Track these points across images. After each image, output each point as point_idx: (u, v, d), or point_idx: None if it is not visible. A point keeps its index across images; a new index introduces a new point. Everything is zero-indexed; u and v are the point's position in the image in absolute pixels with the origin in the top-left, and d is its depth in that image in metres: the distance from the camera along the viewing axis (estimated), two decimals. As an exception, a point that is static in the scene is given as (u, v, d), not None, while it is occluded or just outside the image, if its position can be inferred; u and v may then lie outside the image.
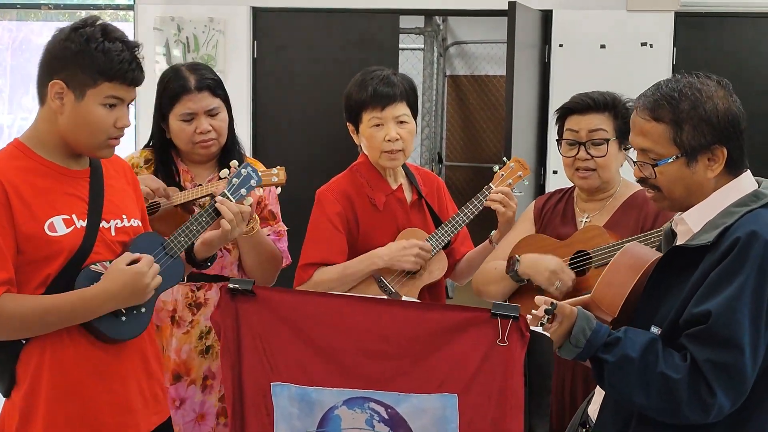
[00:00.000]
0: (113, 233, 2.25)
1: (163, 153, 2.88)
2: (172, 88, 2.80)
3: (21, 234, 2.08)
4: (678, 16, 5.87)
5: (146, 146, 2.95)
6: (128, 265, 2.18)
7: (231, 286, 2.18)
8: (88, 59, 2.09)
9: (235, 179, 2.45)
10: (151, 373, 2.36)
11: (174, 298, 2.84)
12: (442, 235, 2.77)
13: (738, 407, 1.85)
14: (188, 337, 2.84)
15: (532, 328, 1.96)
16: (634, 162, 2.04)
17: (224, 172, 2.51)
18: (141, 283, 2.17)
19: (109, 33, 2.13)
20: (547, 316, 1.92)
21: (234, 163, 2.52)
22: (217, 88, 2.84)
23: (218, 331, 2.22)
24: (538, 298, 2.01)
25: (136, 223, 2.33)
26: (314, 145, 6.14)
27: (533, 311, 1.97)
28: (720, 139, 1.92)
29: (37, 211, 2.11)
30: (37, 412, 2.15)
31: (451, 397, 2.04)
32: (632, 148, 2.06)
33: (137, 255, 2.21)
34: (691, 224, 1.98)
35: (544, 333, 1.96)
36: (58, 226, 2.13)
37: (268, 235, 2.87)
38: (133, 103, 2.25)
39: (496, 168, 2.84)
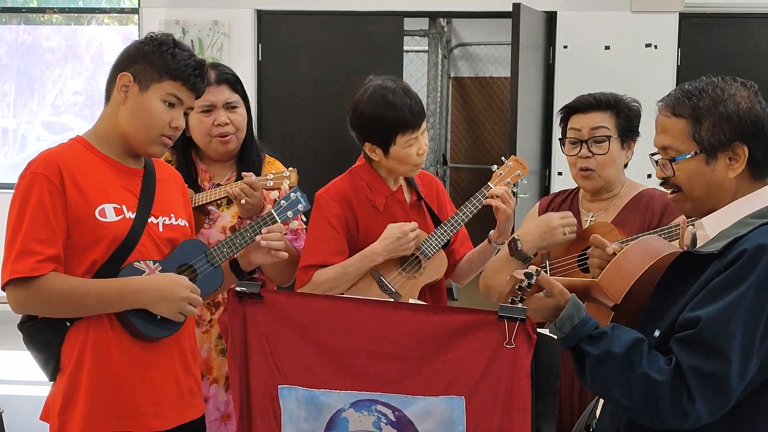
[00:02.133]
0: (161, 229, 2.34)
1: (184, 151, 2.90)
2: None
3: (72, 215, 2.21)
4: (682, 16, 5.87)
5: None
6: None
7: (238, 289, 2.19)
8: (158, 57, 2.28)
9: (283, 201, 2.53)
10: (189, 368, 2.42)
11: None
12: (442, 234, 2.77)
13: (730, 420, 1.81)
14: (208, 336, 2.86)
15: (539, 330, 1.97)
16: (656, 162, 2.02)
17: (274, 193, 2.58)
18: (180, 293, 2.26)
19: (180, 44, 2.35)
20: (528, 281, 1.89)
21: (285, 187, 2.60)
22: (236, 83, 2.91)
23: (225, 333, 2.23)
24: (517, 272, 1.98)
25: (183, 223, 2.42)
26: (318, 148, 6.15)
27: (514, 272, 1.95)
28: (741, 137, 1.88)
29: (89, 196, 2.23)
30: (78, 395, 2.24)
31: (458, 399, 2.05)
32: (657, 153, 2.04)
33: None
34: (708, 230, 1.94)
35: (551, 335, 1.96)
36: (108, 213, 2.25)
37: (285, 234, 2.89)
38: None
39: (494, 167, 2.85)
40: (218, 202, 2.83)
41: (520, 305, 1.94)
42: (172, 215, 2.39)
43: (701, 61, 5.86)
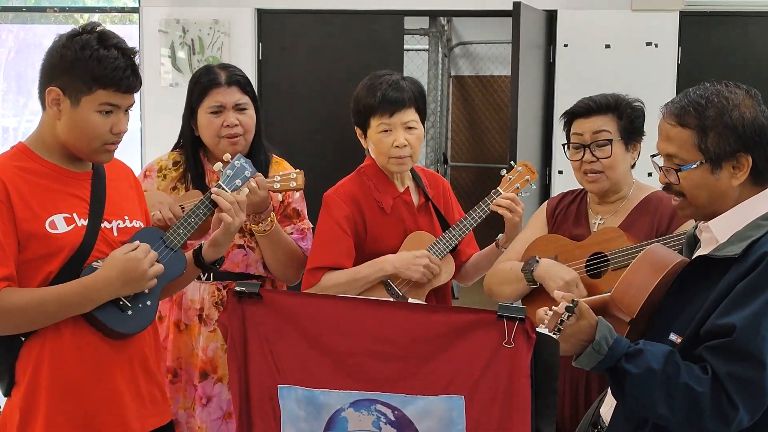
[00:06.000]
0: (115, 233, 2.28)
1: (193, 151, 2.91)
2: (203, 82, 2.87)
3: (22, 231, 2.12)
4: (683, 15, 5.86)
5: (174, 148, 2.99)
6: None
7: (237, 288, 2.19)
8: (83, 67, 2.12)
9: (229, 171, 2.47)
10: (151, 375, 2.37)
11: (201, 297, 2.88)
12: (450, 239, 2.77)
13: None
14: (215, 335, 2.86)
15: (538, 330, 1.96)
16: (659, 167, 2.03)
17: (218, 165, 2.52)
18: (138, 268, 2.19)
19: (105, 40, 2.16)
20: (568, 314, 1.89)
21: (227, 156, 2.53)
22: (246, 85, 2.91)
23: (225, 333, 2.23)
24: (557, 293, 1.99)
25: (138, 224, 2.36)
26: (319, 147, 6.15)
27: (553, 307, 1.95)
28: (745, 147, 1.92)
29: (38, 209, 2.15)
30: (37, 410, 2.18)
31: (457, 398, 2.05)
32: (659, 155, 2.05)
33: (135, 243, 2.24)
34: (717, 234, 1.97)
35: (550, 334, 1.96)
36: (59, 224, 2.17)
37: (291, 233, 2.89)
38: (133, 107, 2.27)
39: (503, 172, 2.84)
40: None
41: (558, 336, 1.92)
42: (126, 218, 2.32)
43: (702, 59, 5.85)
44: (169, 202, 2.73)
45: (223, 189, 2.42)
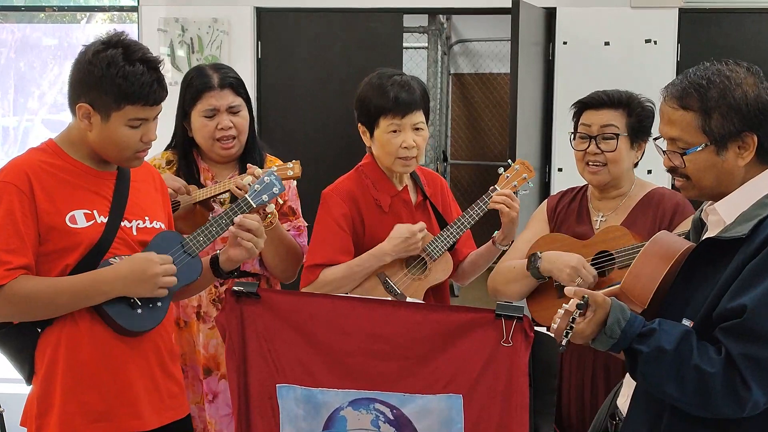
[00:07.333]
0: (135, 233, 2.34)
1: (186, 151, 2.92)
2: (196, 85, 2.88)
3: (43, 224, 2.20)
4: (682, 12, 5.86)
5: (167, 148, 3.00)
6: None
7: (236, 288, 2.19)
8: (110, 84, 2.19)
9: (257, 185, 2.51)
10: (167, 370, 2.41)
11: (198, 294, 2.87)
12: (447, 237, 2.77)
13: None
14: (214, 332, 2.87)
15: (537, 329, 1.97)
16: (663, 151, 2.01)
17: (247, 179, 2.54)
18: (150, 270, 2.24)
19: (130, 55, 2.21)
20: (579, 311, 1.88)
21: (258, 171, 2.56)
22: (239, 87, 2.92)
23: (223, 333, 2.24)
24: (568, 290, 1.96)
25: (159, 225, 2.41)
26: (319, 145, 6.15)
27: (564, 305, 1.93)
28: (750, 126, 1.90)
29: (59, 204, 2.22)
30: (53, 398, 2.25)
31: (456, 397, 2.05)
32: (661, 138, 2.03)
33: (167, 257, 2.30)
34: (723, 215, 1.95)
35: (548, 333, 1.96)
36: (78, 219, 2.24)
37: (288, 230, 2.90)
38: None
39: (501, 170, 2.84)
40: (221, 199, 2.85)
41: (570, 334, 1.89)
42: (147, 218, 2.38)
43: (701, 56, 5.73)
44: (170, 175, 2.81)
45: (249, 203, 2.47)
